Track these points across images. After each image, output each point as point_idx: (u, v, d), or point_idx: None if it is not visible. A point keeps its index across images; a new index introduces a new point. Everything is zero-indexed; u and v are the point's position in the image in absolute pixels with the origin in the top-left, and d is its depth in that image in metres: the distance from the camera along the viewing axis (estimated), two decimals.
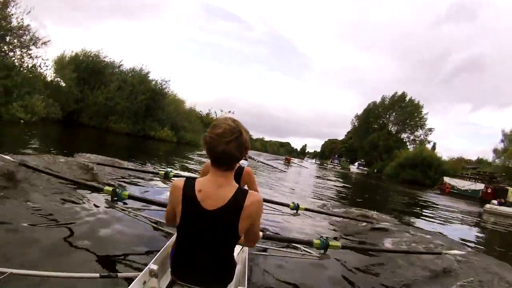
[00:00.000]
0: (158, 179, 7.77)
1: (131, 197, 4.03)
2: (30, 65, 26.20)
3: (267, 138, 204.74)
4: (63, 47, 22.70)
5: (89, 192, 6.39)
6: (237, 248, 3.35)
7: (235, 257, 2.34)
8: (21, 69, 24.81)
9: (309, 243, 3.93)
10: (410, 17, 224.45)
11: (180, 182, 2.14)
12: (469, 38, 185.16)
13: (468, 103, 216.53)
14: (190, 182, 2.12)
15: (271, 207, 6.68)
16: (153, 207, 5.01)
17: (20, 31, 24.60)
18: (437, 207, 23.33)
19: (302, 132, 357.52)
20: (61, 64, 33.88)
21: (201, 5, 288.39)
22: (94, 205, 5.81)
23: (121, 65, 42.35)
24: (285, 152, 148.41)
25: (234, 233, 2.07)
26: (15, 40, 24.69)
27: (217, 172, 2.09)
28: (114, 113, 37.78)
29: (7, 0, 23.42)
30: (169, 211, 2.29)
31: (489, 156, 64.97)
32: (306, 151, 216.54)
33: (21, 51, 24.90)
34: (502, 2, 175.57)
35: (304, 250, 4.07)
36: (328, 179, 33.71)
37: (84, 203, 5.86)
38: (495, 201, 31.25)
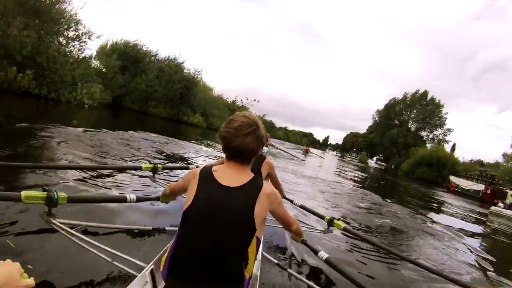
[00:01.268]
0: (142, 174, 7.01)
1: (72, 200, 2.90)
2: (87, 56, 30.79)
3: (290, 127, 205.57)
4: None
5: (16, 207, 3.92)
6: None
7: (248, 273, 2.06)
8: (82, 60, 29.23)
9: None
10: (442, 12, 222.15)
11: (197, 169, 2.12)
12: (498, 38, 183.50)
13: (494, 104, 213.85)
14: (207, 167, 2.11)
15: (296, 215, 6.34)
16: (118, 226, 4.19)
17: (77, 24, 27.69)
18: (445, 205, 25.59)
19: (326, 123, 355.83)
20: (103, 53, 37.70)
21: None
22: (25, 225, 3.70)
23: (157, 54, 46.38)
24: (307, 142, 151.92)
25: (250, 215, 1.90)
26: (72, 33, 27.98)
27: (234, 164, 2.06)
28: (153, 98, 42.18)
29: None
30: (177, 184, 2.41)
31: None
32: (329, 143, 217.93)
33: (80, 44, 29.27)
34: None
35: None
36: (345, 172, 36.33)
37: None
38: (501, 204, 34.88)
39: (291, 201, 5.98)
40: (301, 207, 5.84)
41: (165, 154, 13.05)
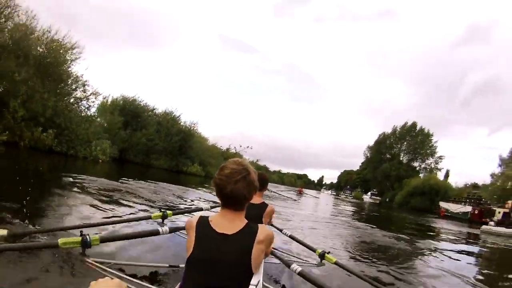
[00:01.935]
0: (153, 222, 6.35)
1: (104, 240, 3.51)
2: (92, 114, 33.91)
3: (284, 170, 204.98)
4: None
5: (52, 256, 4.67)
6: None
7: None
8: (90, 118, 32.24)
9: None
10: (425, 42, 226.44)
11: (194, 217, 2.20)
12: (485, 59, 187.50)
13: (485, 126, 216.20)
14: (204, 216, 2.20)
15: (287, 252, 6.62)
16: (140, 263, 4.85)
17: (84, 85, 30.29)
18: (436, 230, 27.46)
19: (320, 163, 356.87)
20: (104, 109, 40.49)
21: (218, 36, 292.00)
22: (59, 267, 4.46)
23: (155, 109, 49.65)
24: (302, 183, 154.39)
25: (247, 260, 2.03)
26: (80, 93, 30.50)
27: (228, 211, 2.16)
28: (154, 151, 45.04)
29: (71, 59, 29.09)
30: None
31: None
32: (324, 183, 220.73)
33: (88, 103, 32.29)
34: None
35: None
36: (340, 208, 39.35)
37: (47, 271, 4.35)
38: (492, 223, 37.52)
39: (280, 230, 6.19)
40: (291, 237, 6.09)
41: (171, 198, 15.67)
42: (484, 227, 33.08)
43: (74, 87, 29.64)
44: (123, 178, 17.81)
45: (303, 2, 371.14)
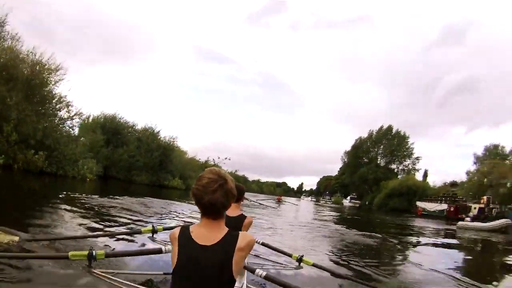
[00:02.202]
0: (144, 236, 7.40)
1: (109, 255, 4.13)
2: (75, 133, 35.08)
3: (263, 179, 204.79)
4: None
5: (62, 265, 5.54)
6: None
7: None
8: (76, 138, 33.64)
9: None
10: (400, 45, 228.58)
11: (176, 230, 2.25)
12: (459, 60, 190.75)
13: (463, 125, 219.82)
14: (185, 227, 2.24)
15: (266, 257, 6.92)
16: (139, 272, 5.50)
17: (68, 106, 31.35)
18: (414, 229, 29.19)
19: (298, 170, 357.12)
20: (86, 127, 41.89)
21: (193, 47, 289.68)
22: (68, 276, 5.25)
23: (134, 125, 51.51)
24: (281, 192, 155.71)
25: (228, 269, 2.09)
26: (64, 113, 31.74)
27: (207, 221, 2.18)
28: (135, 168, 46.73)
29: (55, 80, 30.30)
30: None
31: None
32: (303, 189, 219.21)
33: (72, 123, 33.38)
34: (489, 22, 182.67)
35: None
36: (321, 214, 41.50)
37: (56, 275, 5.28)
38: (468, 218, 39.67)
39: None
40: (263, 244, 6.40)
41: (157, 210, 17.66)
42: (460, 223, 35.32)
43: (58, 108, 30.84)
44: (110, 196, 19.62)
45: (278, 11, 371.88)
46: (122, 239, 8.88)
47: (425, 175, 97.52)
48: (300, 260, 5.81)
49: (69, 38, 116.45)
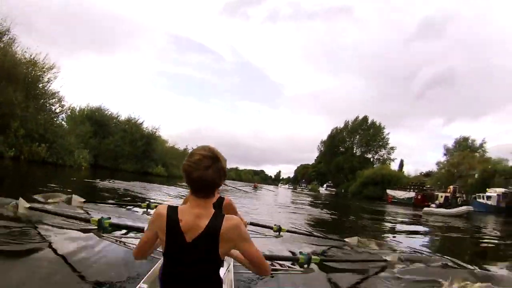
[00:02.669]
0: (141, 211, 9.71)
1: (113, 225, 4.92)
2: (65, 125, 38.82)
3: (241, 167, 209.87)
4: None
5: (80, 225, 7.14)
6: (223, 269, 3.44)
7: (222, 276, 2.44)
8: (71, 130, 37.34)
9: (294, 260, 4.69)
10: (379, 37, 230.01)
11: (163, 209, 2.17)
12: (438, 53, 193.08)
13: (441, 117, 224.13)
14: (173, 209, 2.16)
15: (254, 231, 7.46)
16: (138, 234, 5.63)
17: (61, 101, 35.56)
18: (386, 214, 31.62)
19: (276, 159, 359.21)
20: (73, 119, 45.37)
21: (170, 37, 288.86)
22: (84, 235, 6.60)
23: (119, 116, 55.50)
24: (259, 179, 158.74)
25: (215, 257, 2.10)
26: (58, 108, 35.94)
27: (196, 200, 2.13)
28: (121, 156, 50.95)
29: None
30: (146, 240, 2.29)
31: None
32: (281, 177, 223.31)
33: (64, 116, 37.48)
34: (469, 16, 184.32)
35: (288, 266, 4.68)
36: (298, 200, 45.71)
37: (73, 234, 6.75)
38: (433, 205, 43.65)
39: None
40: (251, 224, 7.43)
41: (150, 190, 22.32)
42: (425, 209, 38.19)
43: (52, 103, 34.72)
44: (107, 179, 24.37)
45: (257, 2, 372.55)
46: (123, 208, 11.20)
47: (401, 165, 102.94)
48: (279, 229, 7.32)
49: (48, 28, 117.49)
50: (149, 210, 8.23)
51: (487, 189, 46.60)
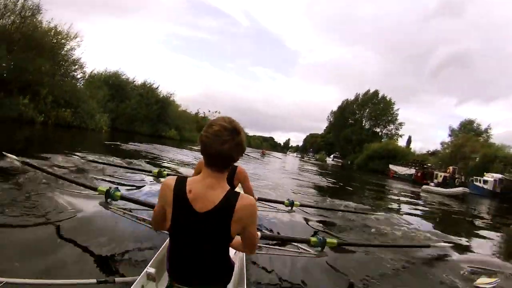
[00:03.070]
0: (151, 178, 9.37)
1: (123, 198, 4.58)
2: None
3: (251, 133, 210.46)
4: None
5: (84, 192, 6.67)
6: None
7: (232, 256, 2.33)
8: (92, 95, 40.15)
9: (306, 241, 4.30)
10: (398, 11, 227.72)
11: (171, 180, 2.13)
12: (456, 33, 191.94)
13: (454, 96, 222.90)
14: (181, 181, 2.11)
15: (266, 205, 7.30)
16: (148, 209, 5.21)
17: (82, 67, 38.53)
18: (385, 187, 34.62)
19: (286, 126, 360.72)
20: (92, 83, 46.79)
21: (186, 0, 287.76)
22: (88, 205, 6.28)
23: (135, 81, 58.23)
24: (268, 146, 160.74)
25: (226, 236, 2.05)
26: (80, 74, 39.27)
27: (209, 172, 2.07)
28: (137, 120, 53.89)
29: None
30: (158, 212, 2.25)
31: None
32: (290, 145, 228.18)
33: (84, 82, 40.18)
34: None
35: (301, 248, 4.36)
36: (305, 168, 47.51)
37: (78, 203, 6.48)
38: (432, 184, 45.83)
39: None
40: (259, 199, 6.95)
41: (169, 153, 25.08)
42: (424, 186, 40.08)
43: (74, 69, 37.44)
44: (128, 142, 27.18)
45: None
46: (133, 173, 11.27)
47: (409, 141, 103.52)
48: (291, 204, 7.03)
49: None
50: (159, 179, 7.99)
51: (485, 173, 47.92)
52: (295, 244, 4.44)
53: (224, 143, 1.96)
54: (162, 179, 6.54)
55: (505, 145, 60.46)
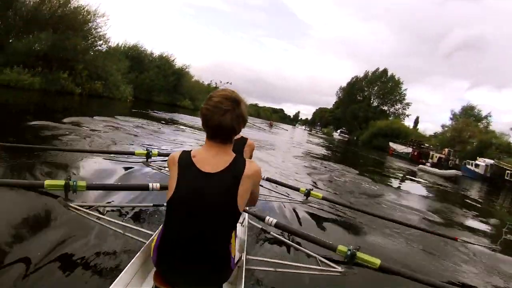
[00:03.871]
0: (139, 161, 6.48)
1: (91, 187, 3.58)
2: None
3: (261, 104, 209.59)
4: None
5: (37, 194, 4.69)
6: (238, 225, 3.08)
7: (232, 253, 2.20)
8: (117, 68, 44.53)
9: (331, 248, 3.18)
10: None
11: (176, 153, 2.12)
12: (472, 17, 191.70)
13: (466, 80, 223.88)
14: (186, 152, 2.12)
15: (273, 189, 7.07)
16: (124, 204, 5.07)
17: (107, 42, 42.57)
18: (385, 164, 37.26)
19: (296, 99, 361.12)
20: (112, 55, 48.94)
21: None
22: (44, 209, 4.55)
23: (153, 53, 62.78)
24: (278, 118, 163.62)
25: (233, 200, 1.99)
26: (105, 48, 42.96)
27: (212, 144, 2.09)
28: (154, 90, 58.84)
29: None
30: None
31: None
32: (299, 118, 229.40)
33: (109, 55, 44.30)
34: None
35: (320, 261, 3.33)
36: (313, 141, 50.10)
37: (29, 209, 4.52)
38: (428, 164, 49.08)
39: None
40: (268, 179, 6.30)
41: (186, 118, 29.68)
42: (420, 166, 43.34)
43: (100, 44, 41.45)
44: (149, 110, 32.54)
45: None
46: (114, 159, 8.79)
47: (416, 121, 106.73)
48: (307, 193, 5.81)
49: None
50: (148, 162, 6.17)
51: (477, 157, 50.35)
52: (314, 254, 3.50)
53: (225, 113, 1.99)
54: (150, 164, 5.98)
55: (504, 133, 62.92)
